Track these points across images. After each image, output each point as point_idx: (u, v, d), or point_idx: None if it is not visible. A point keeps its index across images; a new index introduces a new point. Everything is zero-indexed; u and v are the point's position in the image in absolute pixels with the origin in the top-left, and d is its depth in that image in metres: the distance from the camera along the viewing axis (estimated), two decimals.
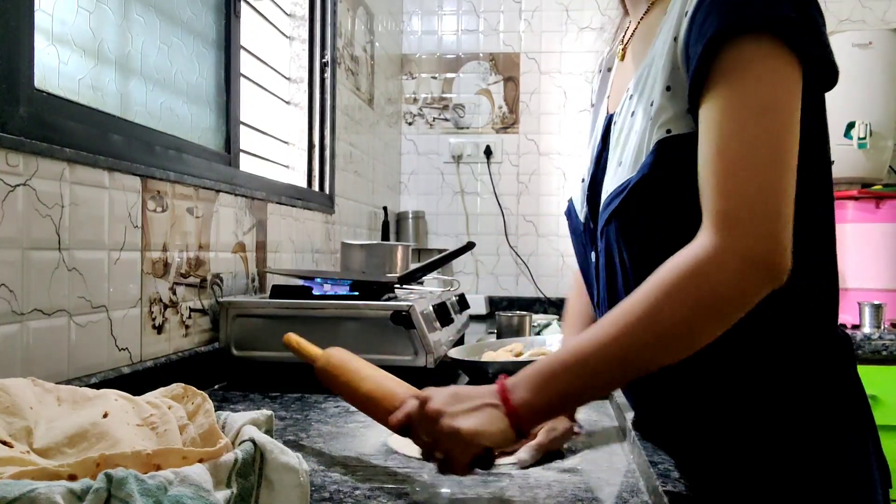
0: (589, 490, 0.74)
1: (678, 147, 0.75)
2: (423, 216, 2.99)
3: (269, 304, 1.27)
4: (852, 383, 0.80)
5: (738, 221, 0.67)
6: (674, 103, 0.75)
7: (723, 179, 0.68)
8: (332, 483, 0.74)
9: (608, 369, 0.69)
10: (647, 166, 0.76)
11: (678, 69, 0.75)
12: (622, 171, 0.80)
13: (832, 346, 0.79)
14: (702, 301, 0.67)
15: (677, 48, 0.75)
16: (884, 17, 2.83)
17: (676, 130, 0.75)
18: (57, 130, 0.91)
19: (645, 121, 0.78)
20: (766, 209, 0.67)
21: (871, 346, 2.21)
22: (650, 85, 0.79)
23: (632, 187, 0.77)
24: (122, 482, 0.44)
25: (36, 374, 0.84)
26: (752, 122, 0.68)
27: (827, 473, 0.76)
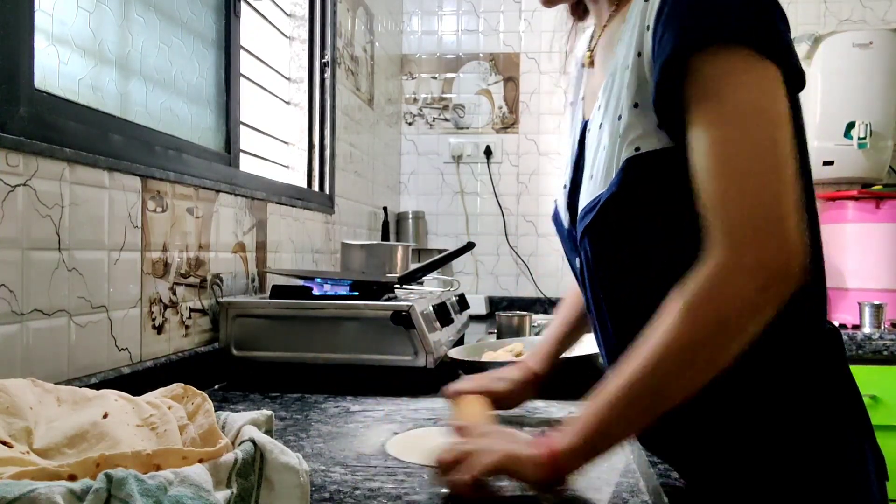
0: (589, 490, 0.73)
1: (648, 164, 0.75)
2: (423, 216, 2.99)
3: (269, 304, 1.27)
4: (842, 377, 0.80)
5: (744, 234, 0.66)
6: (642, 120, 0.75)
7: (722, 193, 0.68)
8: (332, 483, 0.74)
9: (640, 403, 0.68)
10: (615, 185, 0.76)
11: (645, 85, 0.74)
12: (594, 185, 0.81)
13: (820, 342, 0.79)
14: (721, 321, 0.66)
15: (643, 64, 0.75)
16: (884, 17, 2.83)
17: (646, 148, 0.75)
18: (57, 130, 0.91)
19: (613, 136, 0.78)
20: (771, 216, 0.66)
21: (871, 346, 2.21)
22: (615, 98, 0.79)
23: (602, 204, 0.78)
24: (122, 482, 0.44)
25: (36, 374, 0.84)
26: (740, 130, 0.68)
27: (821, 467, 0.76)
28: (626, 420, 0.69)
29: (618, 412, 0.69)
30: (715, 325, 0.66)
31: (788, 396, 0.77)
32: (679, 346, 0.67)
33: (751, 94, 0.68)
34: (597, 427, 0.69)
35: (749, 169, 0.67)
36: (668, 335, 0.67)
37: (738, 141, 0.68)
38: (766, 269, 0.65)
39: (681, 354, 0.67)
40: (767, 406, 0.77)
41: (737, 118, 0.68)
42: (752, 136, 0.67)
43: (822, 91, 2.54)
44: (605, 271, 0.82)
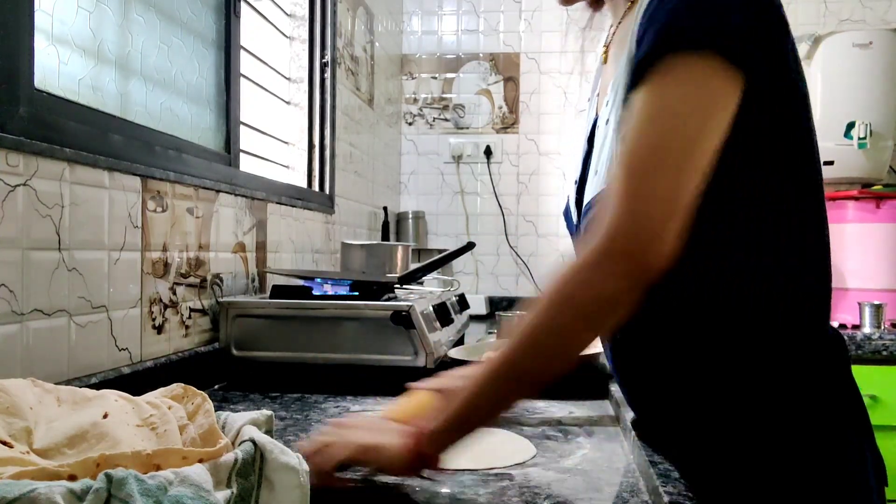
0: (589, 490, 0.74)
1: None
2: (423, 216, 2.99)
3: (269, 304, 1.27)
4: (845, 382, 0.80)
5: (610, 221, 0.67)
6: None
7: (615, 184, 0.69)
8: None
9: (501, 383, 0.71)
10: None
11: None
12: (597, 180, 0.81)
13: (824, 346, 0.79)
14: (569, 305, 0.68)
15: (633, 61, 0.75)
16: (884, 17, 2.83)
17: None
18: (57, 130, 0.91)
19: (614, 132, 0.79)
20: (650, 213, 0.66)
21: (871, 346, 2.21)
22: (619, 96, 0.79)
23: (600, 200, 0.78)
24: (122, 482, 0.44)
25: (36, 374, 0.84)
26: (653, 125, 0.68)
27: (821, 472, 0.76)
28: (488, 403, 0.72)
29: (480, 396, 0.71)
30: (570, 308, 0.68)
31: (791, 399, 0.77)
32: (537, 328, 0.69)
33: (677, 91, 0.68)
34: (461, 410, 0.71)
35: (631, 163, 0.68)
36: (531, 318, 0.69)
37: (638, 137, 0.68)
38: (628, 260, 0.66)
39: (538, 337, 0.69)
40: (770, 408, 0.77)
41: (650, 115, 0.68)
42: (650, 133, 0.68)
43: (822, 91, 2.54)
44: None
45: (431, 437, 0.71)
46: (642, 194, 0.67)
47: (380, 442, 0.72)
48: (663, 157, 0.67)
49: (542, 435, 0.94)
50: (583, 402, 1.13)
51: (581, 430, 0.98)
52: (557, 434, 0.96)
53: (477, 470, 0.79)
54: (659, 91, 0.68)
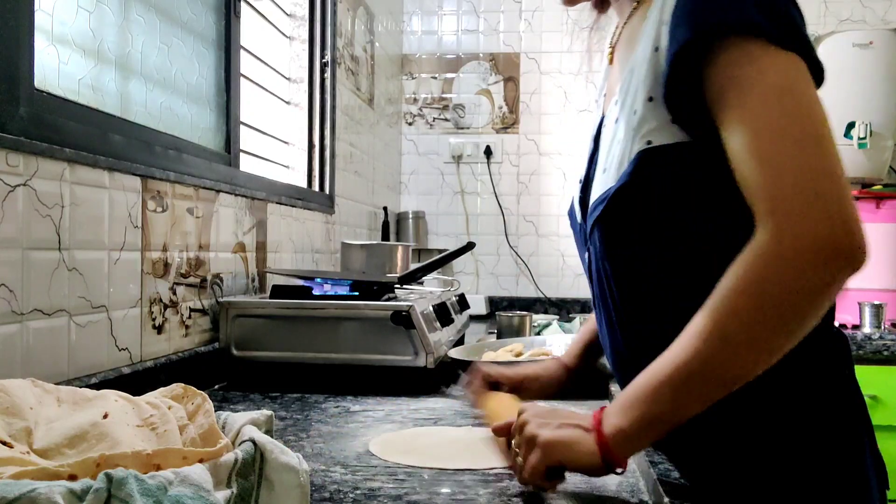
0: (589, 490, 0.74)
1: (659, 158, 0.74)
2: (423, 216, 2.99)
3: (269, 304, 1.27)
4: (848, 383, 0.80)
5: (790, 209, 0.64)
6: (656, 114, 0.75)
7: (761, 171, 0.66)
8: (332, 483, 0.74)
9: (692, 385, 0.67)
10: (626, 176, 0.76)
11: (660, 79, 0.74)
12: (606, 177, 0.81)
13: (829, 345, 0.79)
14: (772, 301, 0.64)
15: (659, 58, 0.75)
16: (884, 17, 2.83)
17: (658, 141, 0.75)
18: (57, 130, 0.91)
19: (627, 129, 0.78)
20: (822, 192, 0.63)
21: (872, 346, 2.21)
22: (632, 93, 0.79)
23: (612, 196, 0.78)
24: (122, 482, 0.44)
25: (36, 374, 0.84)
26: (774, 111, 0.66)
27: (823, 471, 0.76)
28: (678, 405, 0.67)
29: (669, 397, 0.67)
30: (766, 305, 0.64)
31: (794, 399, 0.76)
32: (728, 329, 0.65)
33: (778, 77, 0.67)
34: (648, 412, 0.67)
35: (793, 145, 0.65)
36: (716, 318, 0.65)
37: (775, 122, 0.66)
38: (814, 243, 0.62)
39: (730, 337, 0.65)
40: (772, 408, 0.76)
41: (769, 100, 0.67)
42: (790, 114, 0.66)
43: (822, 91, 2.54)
44: (613, 264, 0.82)
45: (619, 439, 0.68)
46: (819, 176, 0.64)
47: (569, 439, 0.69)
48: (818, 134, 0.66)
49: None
50: (583, 402, 1.13)
51: None
52: None
53: (477, 470, 0.79)
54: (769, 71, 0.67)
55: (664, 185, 0.75)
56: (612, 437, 0.68)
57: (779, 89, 0.67)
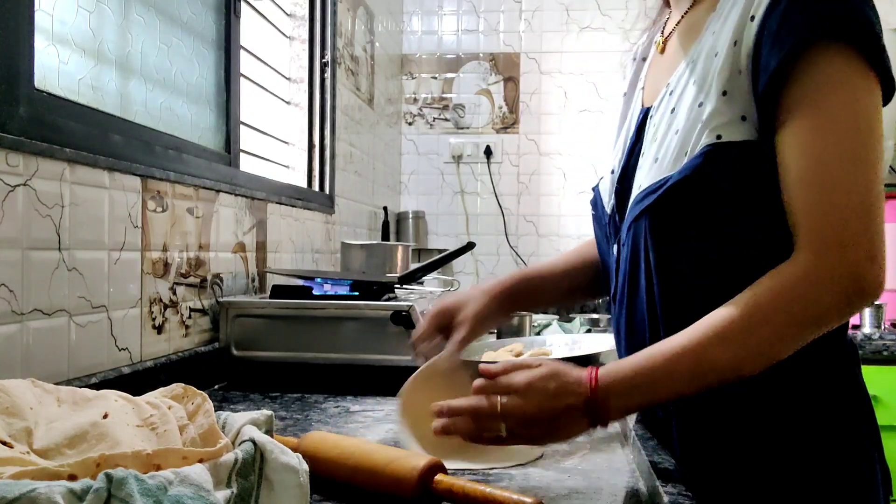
0: (589, 490, 0.73)
1: (727, 154, 0.74)
2: (423, 216, 2.99)
3: (269, 304, 1.27)
4: (858, 389, 0.80)
5: (839, 243, 0.68)
6: (729, 109, 0.74)
7: (818, 200, 0.69)
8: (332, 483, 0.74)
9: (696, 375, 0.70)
10: (689, 168, 0.75)
11: (738, 75, 0.74)
12: (658, 167, 0.79)
13: (841, 351, 0.79)
14: (802, 320, 0.69)
15: (741, 53, 0.74)
16: (884, 18, 2.83)
17: (728, 137, 0.74)
18: (57, 130, 0.91)
19: (690, 121, 0.77)
20: (867, 230, 0.68)
21: (872, 346, 2.21)
22: (698, 85, 0.78)
23: (670, 186, 0.76)
24: (122, 482, 0.44)
25: (36, 374, 0.84)
26: (844, 142, 0.69)
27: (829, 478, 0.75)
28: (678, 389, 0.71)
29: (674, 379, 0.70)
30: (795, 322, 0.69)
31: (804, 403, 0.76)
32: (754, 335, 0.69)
33: (850, 105, 0.69)
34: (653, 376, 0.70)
35: (848, 182, 0.69)
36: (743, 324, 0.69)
37: (834, 150, 0.69)
38: (853, 278, 0.68)
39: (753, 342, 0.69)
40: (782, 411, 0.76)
41: (834, 127, 0.69)
42: (848, 147, 0.69)
43: None
44: (660, 256, 0.79)
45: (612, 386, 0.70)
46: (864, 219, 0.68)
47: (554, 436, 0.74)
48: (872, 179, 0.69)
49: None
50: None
51: None
52: None
53: (477, 470, 0.79)
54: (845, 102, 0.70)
55: (728, 182, 0.74)
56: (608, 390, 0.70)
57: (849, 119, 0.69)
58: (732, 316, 0.69)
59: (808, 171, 0.70)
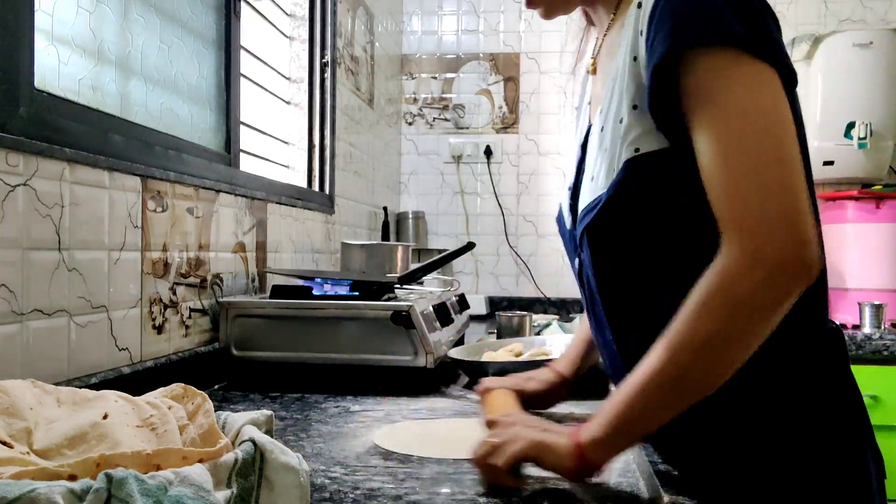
0: (589, 490, 0.73)
1: (647, 165, 0.76)
2: (423, 216, 2.99)
3: (269, 304, 1.27)
4: (843, 377, 0.80)
5: (755, 226, 0.67)
6: (641, 121, 0.76)
7: (729, 188, 0.68)
8: (332, 483, 0.74)
9: (662, 395, 0.70)
10: (615, 185, 0.77)
11: (642, 88, 0.75)
12: (595, 186, 0.82)
13: (822, 341, 0.80)
14: (734, 313, 0.67)
15: (639, 67, 0.76)
16: (884, 17, 2.83)
17: (645, 148, 0.76)
18: (57, 130, 0.91)
19: (614, 138, 0.79)
20: (783, 210, 0.66)
21: (872, 346, 2.21)
22: (616, 102, 0.80)
23: (602, 204, 0.79)
24: (123, 482, 0.44)
25: (36, 374, 0.84)
26: (742, 127, 0.68)
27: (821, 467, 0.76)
28: (649, 412, 0.70)
29: (640, 405, 0.70)
30: (727, 316, 0.67)
31: (790, 396, 0.77)
32: (694, 339, 0.68)
33: (747, 91, 0.69)
34: (621, 419, 0.70)
35: (757, 164, 0.67)
36: (684, 328, 0.68)
37: (742, 137, 0.68)
38: (776, 260, 0.66)
39: (696, 347, 0.68)
40: (768, 406, 0.77)
41: (736, 115, 0.69)
42: (755, 132, 0.68)
43: (822, 91, 2.54)
44: (604, 271, 0.83)
45: (595, 444, 0.70)
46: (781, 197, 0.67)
47: (549, 440, 0.72)
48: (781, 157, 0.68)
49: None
50: (583, 402, 1.13)
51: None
52: None
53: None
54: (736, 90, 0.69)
55: (652, 191, 0.76)
56: (588, 444, 0.70)
57: (749, 105, 0.69)
58: (680, 331, 0.68)
59: (715, 160, 0.69)
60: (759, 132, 0.68)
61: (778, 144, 0.68)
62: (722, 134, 0.69)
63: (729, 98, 0.69)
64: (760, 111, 0.68)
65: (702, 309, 0.68)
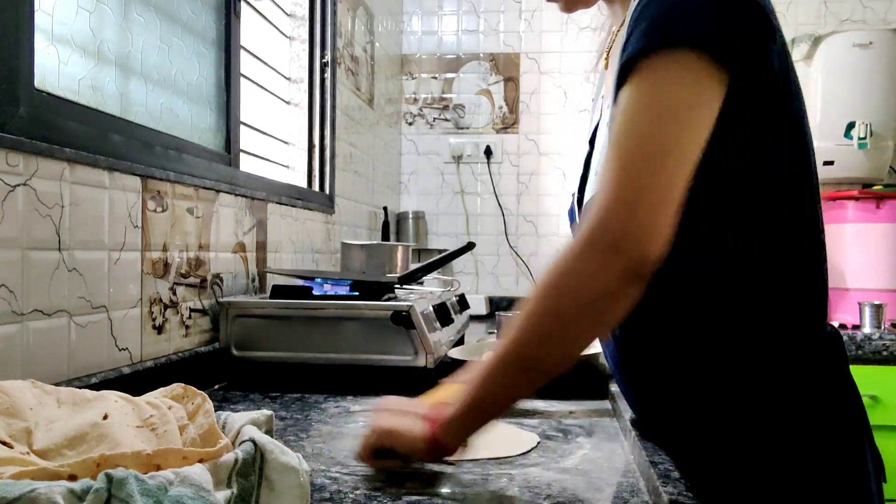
0: (589, 490, 0.74)
1: None
2: (423, 216, 2.99)
3: (269, 304, 1.27)
4: (843, 381, 0.80)
5: (599, 211, 0.67)
6: None
7: (603, 175, 0.70)
8: (332, 483, 0.74)
9: (507, 375, 0.72)
10: None
11: None
12: (598, 181, 0.81)
13: (821, 344, 0.80)
14: (569, 294, 0.68)
15: None
16: (884, 17, 2.83)
17: None
18: (57, 130, 0.91)
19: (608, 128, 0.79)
20: (637, 203, 0.66)
21: (872, 346, 2.21)
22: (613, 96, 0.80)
23: None
24: (123, 482, 0.44)
25: (36, 374, 0.84)
26: (640, 119, 0.69)
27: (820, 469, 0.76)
28: (499, 392, 0.73)
29: (489, 386, 0.72)
30: (564, 297, 0.68)
31: (789, 399, 0.77)
32: (539, 318, 0.70)
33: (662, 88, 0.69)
34: (471, 401, 0.73)
35: (621, 155, 0.68)
36: (526, 308, 0.70)
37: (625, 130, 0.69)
38: (609, 245, 0.66)
39: (540, 326, 0.69)
40: (768, 408, 0.77)
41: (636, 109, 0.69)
42: (638, 126, 0.69)
43: (822, 91, 2.54)
44: None
45: (445, 426, 0.72)
46: (630, 186, 0.67)
47: (401, 427, 0.75)
48: (649, 151, 0.68)
49: (542, 435, 0.94)
50: (583, 401, 1.13)
51: (581, 430, 0.98)
52: (557, 434, 0.96)
53: (477, 459, 0.80)
54: (645, 88, 0.69)
55: None
56: (441, 424, 0.73)
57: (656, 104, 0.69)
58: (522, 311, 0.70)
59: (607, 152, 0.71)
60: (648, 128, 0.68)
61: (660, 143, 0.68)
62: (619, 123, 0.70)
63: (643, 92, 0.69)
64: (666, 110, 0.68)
65: (538, 288, 0.70)
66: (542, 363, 0.71)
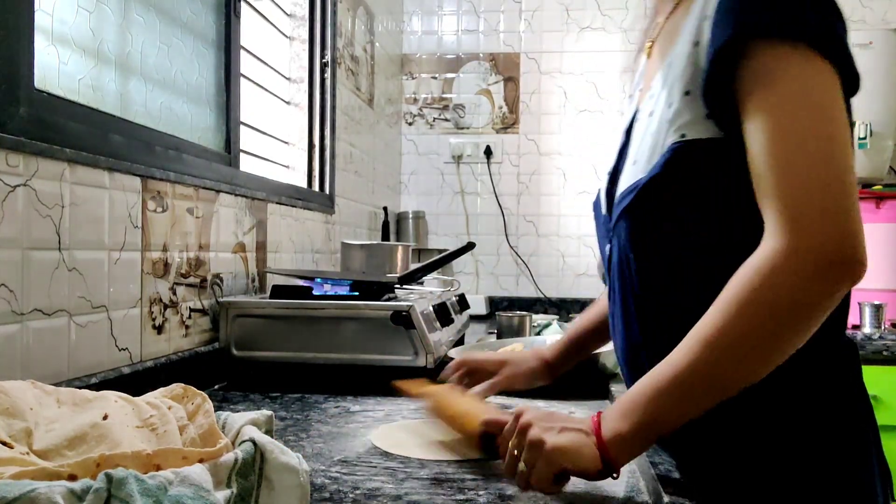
0: (589, 490, 0.73)
1: (692, 152, 0.74)
2: (423, 216, 2.99)
3: (269, 304, 1.27)
4: (857, 389, 0.79)
5: (806, 222, 0.65)
6: (692, 108, 0.75)
7: (781, 181, 0.67)
8: (332, 483, 0.74)
9: (693, 390, 0.67)
10: (657, 167, 0.76)
11: (699, 74, 0.74)
12: (636, 169, 0.80)
13: (838, 353, 0.79)
14: (780, 308, 0.65)
15: (699, 53, 0.74)
16: (884, 17, 2.83)
17: (692, 135, 0.74)
18: (57, 130, 0.91)
19: (661, 122, 0.78)
20: (834, 206, 0.65)
21: (872, 347, 2.21)
22: (669, 87, 0.79)
23: (641, 187, 0.77)
24: (123, 482, 0.44)
25: (36, 374, 0.84)
26: (800, 120, 0.67)
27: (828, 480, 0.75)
28: (679, 409, 0.68)
29: (668, 402, 0.68)
30: (772, 312, 0.65)
31: (802, 406, 0.76)
32: (735, 333, 0.66)
33: (805, 86, 0.68)
34: (647, 416, 0.68)
35: (813, 158, 0.66)
36: (724, 322, 0.66)
37: (798, 130, 0.67)
38: (825, 257, 0.64)
39: (736, 342, 0.66)
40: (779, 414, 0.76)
41: (791, 108, 0.67)
42: (807, 127, 0.67)
43: None
44: (637, 255, 0.80)
45: (618, 444, 0.68)
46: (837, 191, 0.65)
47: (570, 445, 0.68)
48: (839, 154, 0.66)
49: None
50: (583, 402, 1.13)
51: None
52: None
53: (478, 460, 0.80)
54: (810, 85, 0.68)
55: (694, 180, 0.75)
56: (611, 442, 0.68)
57: (805, 100, 0.67)
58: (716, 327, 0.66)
59: (766, 152, 0.68)
60: (817, 127, 0.67)
61: (831, 138, 0.67)
62: (777, 123, 0.68)
63: (790, 89, 0.68)
64: (818, 107, 0.67)
65: (741, 305, 0.65)
66: (735, 381, 0.67)
